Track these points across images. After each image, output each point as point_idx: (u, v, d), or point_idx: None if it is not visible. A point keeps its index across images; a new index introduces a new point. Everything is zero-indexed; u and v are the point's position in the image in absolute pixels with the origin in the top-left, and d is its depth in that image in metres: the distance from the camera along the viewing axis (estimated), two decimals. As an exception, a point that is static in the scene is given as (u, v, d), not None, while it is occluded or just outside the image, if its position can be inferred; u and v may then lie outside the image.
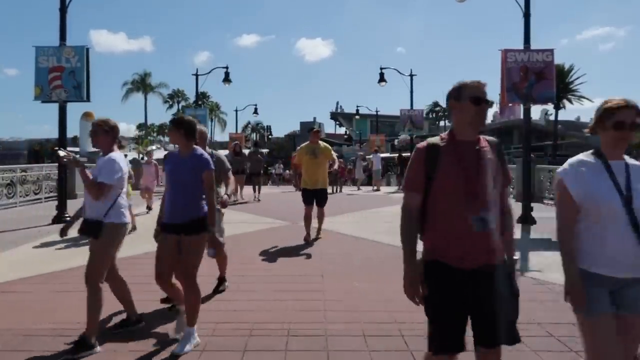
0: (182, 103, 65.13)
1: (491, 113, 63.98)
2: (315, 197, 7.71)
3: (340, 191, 20.03)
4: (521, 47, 9.75)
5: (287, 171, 34.29)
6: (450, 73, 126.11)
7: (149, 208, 11.22)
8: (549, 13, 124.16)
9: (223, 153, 18.91)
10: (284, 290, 4.98)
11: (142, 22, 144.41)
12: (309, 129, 8.23)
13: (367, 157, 24.21)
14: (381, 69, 23.11)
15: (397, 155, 22.79)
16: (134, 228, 7.86)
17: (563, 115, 47.09)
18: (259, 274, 5.58)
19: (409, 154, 26.99)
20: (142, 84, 59.54)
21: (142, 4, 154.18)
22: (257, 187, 15.02)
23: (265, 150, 20.62)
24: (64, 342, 3.57)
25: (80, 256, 6.49)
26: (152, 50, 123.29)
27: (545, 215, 10.55)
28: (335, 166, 8.40)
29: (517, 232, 8.61)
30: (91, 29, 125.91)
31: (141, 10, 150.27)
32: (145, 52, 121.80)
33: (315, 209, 7.90)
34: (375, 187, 21.51)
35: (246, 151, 18.66)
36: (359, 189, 21.74)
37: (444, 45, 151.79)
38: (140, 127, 69.36)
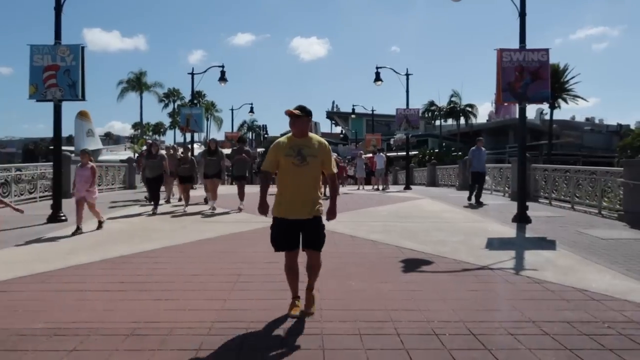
0: (178, 102, 65.06)
1: (487, 112, 64.31)
2: (300, 235, 4.15)
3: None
4: (516, 46, 9.78)
5: None
6: (445, 72, 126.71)
7: (100, 224, 8.79)
8: (543, 12, 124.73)
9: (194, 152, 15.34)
10: (280, 289, 4.96)
11: (136, 21, 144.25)
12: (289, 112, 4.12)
13: (366, 155, 24.27)
14: (377, 68, 23.12)
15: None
16: None
17: (558, 115, 47.22)
18: (255, 273, 5.58)
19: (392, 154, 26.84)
20: (137, 83, 59.35)
21: (135, 2, 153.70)
22: (239, 191, 12.00)
23: (260, 150, 19.86)
24: (60, 342, 3.56)
25: (75, 256, 6.49)
26: (147, 49, 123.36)
27: (541, 214, 10.61)
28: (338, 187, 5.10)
29: (512, 231, 8.66)
30: (84, 27, 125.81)
31: (135, 9, 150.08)
32: (140, 51, 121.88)
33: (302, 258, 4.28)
34: (375, 186, 21.56)
35: (227, 151, 16.21)
36: (359, 188, 21.77)
37: (439, 44, 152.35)
38: (135, 126, 69.19)
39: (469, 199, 13.52)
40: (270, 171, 4.22)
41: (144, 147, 18.12)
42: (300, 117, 4.11)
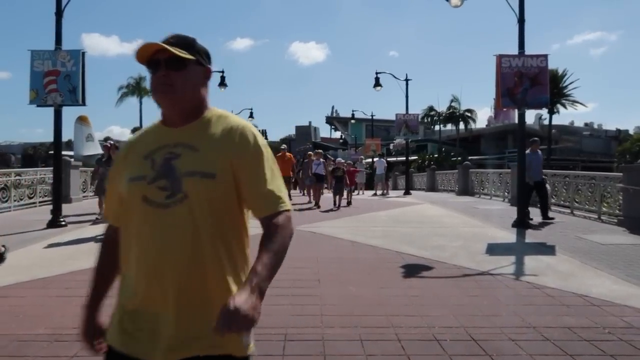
0: (178, 107, 65.13)
1: (486, 117, 64.48)
2: None
3: (350, 203, 14.83)
4: (515, 51, 9.83)
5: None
6: (444, 77, 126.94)
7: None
8: (540, 17, 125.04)
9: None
10: (280, 295, 4.97)
11: (134, 25, 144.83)
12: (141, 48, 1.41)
13: (365, 161, 24.34)
14: (376, 73, 23.17)
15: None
16: None
17: (557, 120, 47.39)
18: (256, 279, 5.57)
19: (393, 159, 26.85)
20: (137, 88, 59.50)
21: (134, 7, 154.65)
22: None
23: None
24: (61, 347, 3.55)
25: (76, 261, 6.48)
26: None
27: (540, 219, 10.61)
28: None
29: (512, 236, 8.67)
30: (83, 32, 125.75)
31: (133, 13, 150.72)
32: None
33: None
34: (380, 191, 21.53)
35: None
36: (359, 193, 21.77)
37: (438, 49, 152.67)
38: (135, 130, 69.30)
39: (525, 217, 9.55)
40: (114, 224, 1.61)
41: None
42: (173, 60, 1.39)
